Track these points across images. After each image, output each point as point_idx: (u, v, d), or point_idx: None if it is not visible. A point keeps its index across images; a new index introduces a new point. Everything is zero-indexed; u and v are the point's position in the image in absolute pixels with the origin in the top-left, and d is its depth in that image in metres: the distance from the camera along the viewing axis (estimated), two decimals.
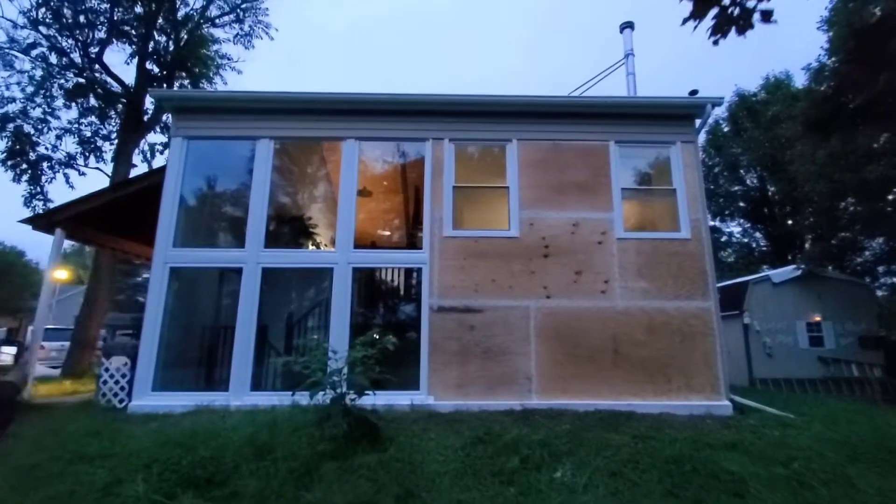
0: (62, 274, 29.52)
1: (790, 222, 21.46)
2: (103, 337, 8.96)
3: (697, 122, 7.53)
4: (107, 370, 6.65)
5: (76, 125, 12.44)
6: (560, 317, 6.72)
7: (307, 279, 7.98)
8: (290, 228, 8.40)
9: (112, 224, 8.85)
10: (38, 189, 12.11)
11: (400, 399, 6.02)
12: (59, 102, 12.32)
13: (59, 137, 12.28)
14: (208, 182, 7.79)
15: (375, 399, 4.76)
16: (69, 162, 12.32)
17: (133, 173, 11.69)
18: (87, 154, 12.49)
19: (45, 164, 12.08)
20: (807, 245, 19.88)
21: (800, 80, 20.63)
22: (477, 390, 6.44)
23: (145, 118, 12.52)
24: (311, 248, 9.01)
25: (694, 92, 8.00)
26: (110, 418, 5.96)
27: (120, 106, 12.74)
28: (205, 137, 7.33)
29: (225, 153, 7.61)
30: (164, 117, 12.61)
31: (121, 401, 6.53)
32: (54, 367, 12.71)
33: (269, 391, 6.48)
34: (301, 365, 4.68)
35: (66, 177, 12.43)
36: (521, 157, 7.28)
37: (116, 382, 6.62)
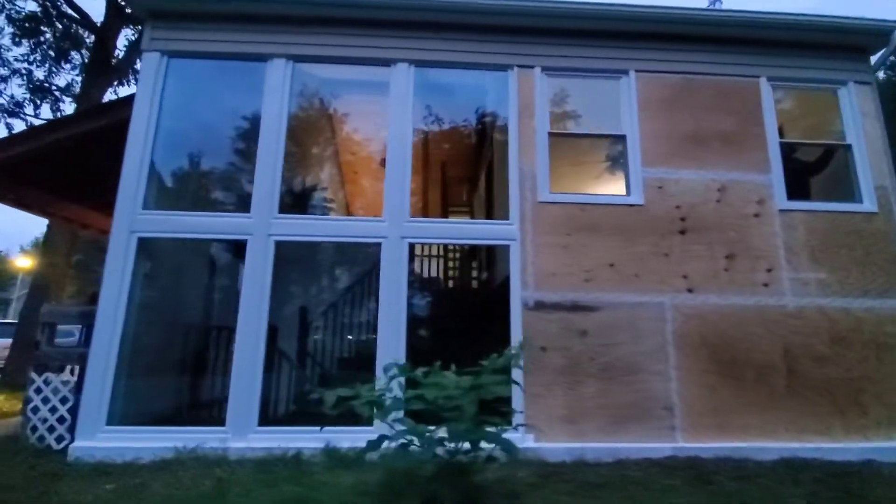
0: (25, 262, 26.69)
1: None
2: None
3: (872, 58, 5.59)
4: (38, 391, 4.41)
5: (25, 62, 9.88)
6: (708, 319, 4.68)
7: (338, 261, 5.77)
8: (315, 194, 6.05)
9: (68, 184, 6.60)
10: None
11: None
12: (7, 40, 9.82)
13: (3, 80, 9.77)
14: (197, 120, 5.50)
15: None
16: (14, 110, 9.79)
17: None
18: (37, 102, 9.96)
19: None
20: None
21: None
22: (597, 427, 4.37)
23: (114, 61, 10.04)
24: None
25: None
26: (37, 471, 3.79)
27: (84, 50, 10.25)
28: (192, 54, 5.08)
29: (222, 79, 5.36)
30: (137, 60, 10.11)
31: (59, 439, 4.31)
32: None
33: (286, 427, 4.33)
34: (368, 401, 2.59)
35: (9, 127, 9.82)
36: (641, 96, 5.22)
37: (53, 410, 4.38)
